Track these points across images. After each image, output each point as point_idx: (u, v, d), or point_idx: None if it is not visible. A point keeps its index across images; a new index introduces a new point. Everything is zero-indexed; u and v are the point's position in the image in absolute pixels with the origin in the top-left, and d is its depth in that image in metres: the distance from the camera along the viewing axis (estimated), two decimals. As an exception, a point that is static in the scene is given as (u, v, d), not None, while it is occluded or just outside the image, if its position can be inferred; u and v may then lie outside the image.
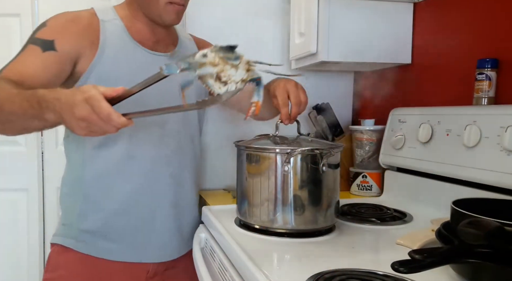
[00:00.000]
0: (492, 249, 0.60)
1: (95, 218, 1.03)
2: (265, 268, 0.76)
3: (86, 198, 1.04)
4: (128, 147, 1.02)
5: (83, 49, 0.98)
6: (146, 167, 1.04)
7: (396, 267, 0.58)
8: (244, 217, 1.01)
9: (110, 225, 1.04)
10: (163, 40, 1.10)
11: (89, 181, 1.03)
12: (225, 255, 0.93)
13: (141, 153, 1.03)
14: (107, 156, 1.02)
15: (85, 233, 1.04)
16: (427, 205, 1.15)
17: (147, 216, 1.06)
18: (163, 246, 1.09)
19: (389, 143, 1.32)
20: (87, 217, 1.04)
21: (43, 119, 0.80)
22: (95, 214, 1.04)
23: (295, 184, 0.94)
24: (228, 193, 1.49)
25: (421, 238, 0.88)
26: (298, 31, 1.46)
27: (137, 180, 1.04)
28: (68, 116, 0.74)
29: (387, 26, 1.35)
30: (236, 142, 1.04)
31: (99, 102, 0.71)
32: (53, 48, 0.94)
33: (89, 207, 1.04)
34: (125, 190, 1.03)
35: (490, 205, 0.79)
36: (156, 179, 1.06)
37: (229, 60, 0.65)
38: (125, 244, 1.05)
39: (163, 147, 1.06)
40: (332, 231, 0.99)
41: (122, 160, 1.02)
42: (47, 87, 0.87)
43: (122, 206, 1.04)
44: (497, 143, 0.95)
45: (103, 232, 1.04)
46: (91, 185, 1.03)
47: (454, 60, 1.21)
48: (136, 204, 1.04)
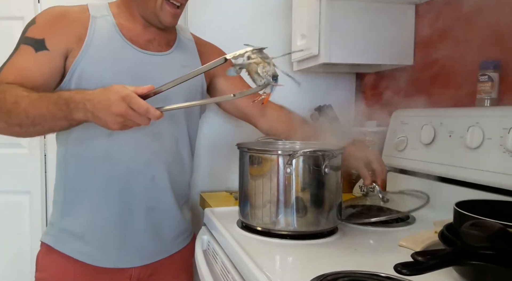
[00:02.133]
0: (495, 251, 0.60)
1: (73, 217, 1.02)
2: (268, 270, 0.76)
3: (66, 196, 1.03)
4: (107, 147, 1.00)
5: (71, 45, 0.97)
6: (124, 167, 1.01)
7: (399, 269, 0.57)
8: (246, 219, 1.01)
9: (87, 226, 1.02)
10: (157, 39, 1.07)
11: (69, 179, 1.03)
12: (227, 257, 0.93)
13: (120, 153, 1.01)
14: (86, 155, 1.01)
15: (65, 232, 1.03)
16: (430, 207, 1.14)
17: (122, 218, 1.02)
18: (140, 249, 1.05)
19: (391, 145, 1.31)
20: (66, 216, 1.03)
21: (71, 119, 0.87)
22: (73, 213, 1.02)
23: (297, 186, 0.94)
24: (230, 194, 1.49)
25: (424, 240, 0.88)
26: (300, 33, 1.46)
27: (114, 180, 1.01)
28: (103, 114, 0.83)
29: (389, 28, 1.35)
30: (239, 143, 1.04)
31: (136, 99, 0.81)
32: (44, 47, 0.95)
33: (68, 206, 1.03)
34: (101, 190, 1.01)
35: (493, 207, 0.79)
36: (134, 180, 1.02)
37: (266, 59, 0.82)
38: (101, 248, 1.02)
39: (143, 147, 1.03)
40: (335, 233, 0.99)
41: (100, 159, 1.01)
42: (44, 89, 0.93)
43: (98, 206, 1.01)
44: (500, 144, 0.95)
45: (80, 233, 1.02)
46: (70, 184, 1.03)
47: (456, 62, 1.21)
48: (112, 205, 1.02)
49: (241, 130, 1.46)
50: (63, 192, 1.04)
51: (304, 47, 1.43)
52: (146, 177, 1.04)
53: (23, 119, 0.87)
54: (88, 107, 0.84)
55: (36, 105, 0.86)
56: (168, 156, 1.07)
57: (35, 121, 0.87)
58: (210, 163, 1.62)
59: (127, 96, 0.81)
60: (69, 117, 0.86)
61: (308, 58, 1.43)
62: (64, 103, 0.85)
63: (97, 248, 1.02)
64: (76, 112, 0.85)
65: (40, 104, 0.86)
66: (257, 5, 1.63)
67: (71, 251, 1.02)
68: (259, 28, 1.64)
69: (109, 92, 0.83)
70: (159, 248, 1.08)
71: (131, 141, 1.01)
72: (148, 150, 1.03)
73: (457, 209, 0.74)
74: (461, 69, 1.19)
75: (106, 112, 0.83)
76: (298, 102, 1.66)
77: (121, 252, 1.03)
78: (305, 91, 1.68)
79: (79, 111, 0.85)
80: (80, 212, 1.02)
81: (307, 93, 1.68)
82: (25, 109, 0.86)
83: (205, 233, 1.15)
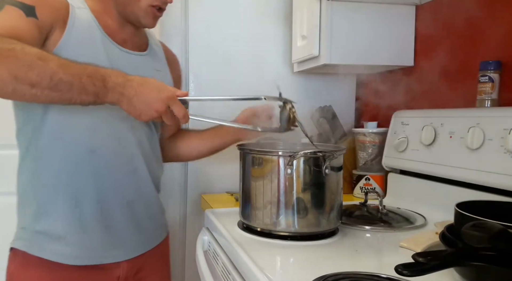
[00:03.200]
0: (496, 252, 0.60)
1: (50, 218, 0.94)
2: (268, 271, 0.76)
3: (42, 196, 0.95)
4: (91, 140, 0.95)
5: (56, 23, 0.90)
6: (108, 161, 0.98)
7: (400, 270, 0.57)
8: (247, 220, 1.01)
9: (67, 225, 0.95)
10: (131, 40, 1.05)
11: (45, 177, 0.95)
12: (228, 258, 0.93)
13: (103, 146, 0.97)
14: (68, 150, 0.94)
15: (40, 235, 0.95)
16: (430, 208, 1.15)
17: (105, 213, 0.98)
18: (124, 243, 1.02)
19: (392, 145, 1.31)
20: (42, 217, 0.95)
21: (100, 98, 0.83)
22: (50, 213, 0.95)
23: (298, 187, 0.94)
24: (231, 196, 1.49)
25: (425, 241, 0.88)
26: (301, 34, 1.46)
27: (97, 174, 0.96)
28: (142, 105, 0.84)
29: (389, 29, 1.35)
30: (239, 144, 1.05)
31: (178, 103, 0.86)
32: (34, 15, 0.86)
33: (44, 207, 0.95)
34: (83, 186, 0.95)
35: (494, 208, 0.79)
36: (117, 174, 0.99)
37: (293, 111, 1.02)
38: (84, 246, 0.97)
39: (125, 140, 1.00)
40: (335, 234, 0.99)
41: (83, 154, 0.95)
42: None
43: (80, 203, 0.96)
44: (501, 145, 0.95)
45: (60, 234, 0.95)
46: (46, 182, 0.95)
47: (456, 63, 1.21)
48: (94, 200, 0.97)
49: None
50: (37, 192, 0.95)
51: (305, 48, 1.43)
52: (129, 169, 1.01)
53: (45, 80, 0.77)
54: (126, 93, 0.83)
55: (68, 70, 0.79)
56: (145, 149, 1.05)
57: (59, 87, 0.78)
58: (211, 164, 1.62)
59: (171, 98, 0.85)
60: (100, 95, 0.82)
61: (309, 59, 1.43)
62: (100, 80, 0.81)
63: (81, 246, 0.96)
64: (111, 93, 0.83)
65: (73, 71, 0.80)
66: (258, 7, 1.63)
67: (50, 255, 0.94)
68: (260, 29, 1.64)
69: (151, 88, 0.85)
70: (142, 240, 1.05)
71: (114, 134, 0.98)
72: (129, 142, 1.01)
73: (458, 210, 0.74)
74: (461, 70, 1.19)
75: (146, 106, 0.84)
76: (299, 103, 1.66)
77: (106, 247, 0.99)
78: (305, 92, 1.68)
79: (114, 93, 0.83)
80: (60, 211, 0.94)
81: (307, 94, 1.68)
82: (54, 69, 0.78)
83: (206, 234, 1.15)
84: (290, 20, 1.56)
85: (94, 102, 0.84)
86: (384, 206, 1.13)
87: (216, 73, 1.62)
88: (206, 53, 1.61)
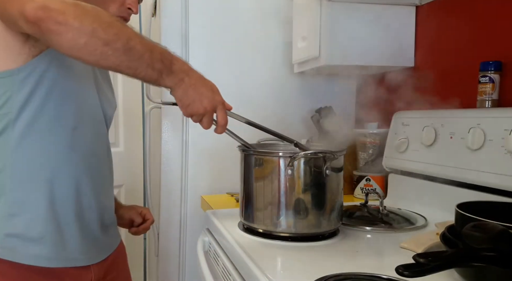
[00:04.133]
0: (497, 252, 0.60)
1: (24, 219, 0.89)
2: (269, 272, 0.76)
3: (15, 197, 0.89)
4: (72, 140, 0.93)
5: None
6: (88, 160, 0.96)
7: (401, 271, 0.57)
8: (247, 221, 1.01)
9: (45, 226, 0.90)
10: None
11: (16, 176, 0.88)
12: (229, 259, 0.93)
13: (83, 145, 0.95)
14: (45, 147, 0.90)
15: (12, 238, 0.88)
16: (431, 208, 1.14)
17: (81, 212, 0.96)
18: (96, 243, 1.00)
19: (392, 146, 1.31)
20: (14, 219, 0.88)
21: (160, 78, 0.82)
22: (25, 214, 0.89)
23: (299, 188, 0.94)
24: (232, 196, 1.49)
25: (426, 242, 0.88)
26: (301, 35, 1.46)
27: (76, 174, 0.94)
28: (195, 95, 0.85)
29: (390, 30, 1.35)
30: (240, 145, 1.05)
31: (224, 110, 0.89)
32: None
33: (18, 208, 0.89)
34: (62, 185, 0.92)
35: (495, 208, 0.79)
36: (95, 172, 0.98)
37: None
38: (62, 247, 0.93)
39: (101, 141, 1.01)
40: (336, 234, 0.99)
41: (64, 153, 0.92)
42: None
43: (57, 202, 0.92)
44: (501, 146, 0.95)
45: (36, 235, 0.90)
46: (19, 181, 0.89)
47: (457, 63, 1.21)
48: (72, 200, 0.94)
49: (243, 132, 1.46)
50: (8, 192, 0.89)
51: (305, 49, 1.43)
52: (104, 168, 1.02)
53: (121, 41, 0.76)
54: (186, 81, 0.84)
55: (143, 40, 0.80)
56: (110, 155, 1.07)
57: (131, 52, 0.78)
58: (211, 165, 1.62)
59: (221, 103, 0.88)
60: (163, 74, 0.83)
61: (309, 60, 1.43)
62: (169, 60, 0.83)
63: (57, 248, 0.92)
64: (173, 76, 0.84)
65: (147, 42, 0.81)
66: (258, 8, 1.64)
67: (25, 258, 0.88)
68: (260, 30, 1.64)
69: (208, 86, 0.87)
70: (108, 242, 1.05)
71: (92, 133, 0.98)
72: (101, 147, 1.02)
73: (459, 211, 0.74)
74: (461, 71, 1.19)
75: (198, 99, 0.85)
76: (299, 104, 1.67)
77: (82, 248, 0.96)
78: (305, 93, 1.69)
79: (176, 77, 0.84)
80: (39, 210, 0.90)
81: (307, 95, 1.68)
82: (131, 34, 0.78)
83: (207, 235, 1.15)
84: (290, 21, 1.56)
85: (156, 81, 0.83)
86: (384, 206, 1.13)
87: (216, 74, 1.61)
88: (207, 54, 1.61)
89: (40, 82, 0.86)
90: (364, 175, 1.43)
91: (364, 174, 1.43)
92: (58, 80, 0.89)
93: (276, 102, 1.65)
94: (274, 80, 1.66)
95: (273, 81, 1.66)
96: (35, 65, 0.86)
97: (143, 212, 1.24)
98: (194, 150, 1.62)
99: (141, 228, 1.23)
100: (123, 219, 1.22)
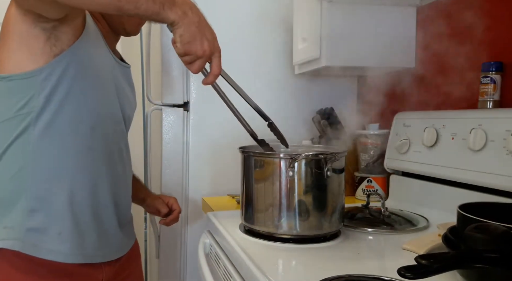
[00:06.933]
0: (499, 253, 0.60)
1: (44, 214, 0.91)
2: (270, 274, 0.75)
3: (32, 193, 0.91)
4: (91, 139, 0.94)
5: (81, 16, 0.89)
6: (105, 158, 0.97)
7: (403, 272, 0.57)
8: (249, 222, 1.01)
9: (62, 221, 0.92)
10: (115, 52, 1.07)
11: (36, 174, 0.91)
12: (230, 261, 0.93)
13: (100, 145, 0.96)
14: (63, 147, 0.92)
15: (35, 232, 0.90)
16: (433, 210, 1.14)
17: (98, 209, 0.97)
18: (113, 240, 1.01)
19: (394, 147, 1.31)
20: (35, 213, 0.91)
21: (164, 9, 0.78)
22: (45, 209, 0.91)
23: (300, 189, 0.94)
24: (233, 198, 1.49)
25: (428, 243, 0.87)
26: (301, 37, 1.46)
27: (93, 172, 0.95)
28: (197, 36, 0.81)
29: (390, 30, 1.35)
30: (241, 147, 1.04)
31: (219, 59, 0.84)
32: None
33: (39, 203, 0.91)
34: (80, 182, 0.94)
35: (497, 209, 0.79)
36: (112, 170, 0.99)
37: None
38: (79, 243, 0.94)
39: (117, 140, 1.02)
40: (338, 236, 0.99)
41: (80, 151, 0.93)
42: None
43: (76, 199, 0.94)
44: (503, 147, 0.95)
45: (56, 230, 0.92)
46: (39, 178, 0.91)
47: (458, 64, 1.21)
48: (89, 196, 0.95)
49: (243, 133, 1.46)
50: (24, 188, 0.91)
51: (306, 50, 1.43)
52: (122, 167, 1.03)
53: None
54: (190, 15, 0.80)
55: None
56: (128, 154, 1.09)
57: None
58: (212, 167, 1.62)
59: (219, 51, 0.85)
60: (165, 6, 0.78)
61: (310, 61, 1.43)
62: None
63: (75, 243, 0.93)
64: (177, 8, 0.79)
65: None
66: (258, 9, 1.64)
67: (45, 253, 0.91)
68: (261, 31, 1.64)
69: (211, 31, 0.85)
70: (125, 238, 1.06)
71: (110, 133, 0.98)
72: (118, 145, 1.03)
73: (461, 212, 0.73)
74: (463, 71, 1.19)
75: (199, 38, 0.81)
76: (300, 106, 1.67)
77: (98, 244, 0.98)
78: (306, 95, 1.68)
79: (179, 9, 0.79)
80: (57, 206, 0.92)
81: (308, 97, 1.68)
82: None
83: (208, 237, 1.15)
84: (290, 22, 1.56)
85: (157, 14, 0.78)
86: (386, 208, 1.12)
87: (217, 76, 1.62)
88: (207, 56, 1.61)
89: (59, 82, 0.88)
90: (366, 176, 1.43)
91: (365, 175, 1.43)
92: (76, 80, 0.90)
93: (277, 104, 1.65)
94: (274, 81, 1.66)
95: (273, 83, 1.66)
96: (55, 66, 0.87)
97: (170, 202, 1.25)
98: (194, 151, 1.62)
99: (169, 220, 1.25)
100: (150, 208, 1.25)
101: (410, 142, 1.25)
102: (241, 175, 1.04)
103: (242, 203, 1.04)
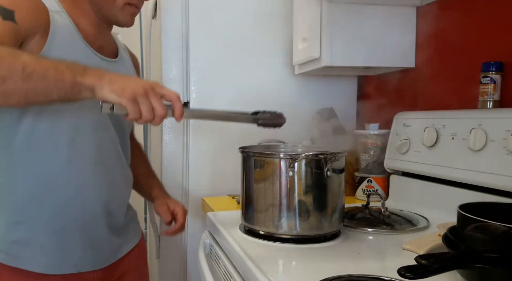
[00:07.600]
0: (499, 253, 0.60)
1: (28, 226, 0.92)
2: (271, 274, 0.75)
3: (20, 205, 0.92)
4: (69, 151, 0.93)
5: (37, 30, 0.87)
6: (89, 170, 0.96)
7: (403, 272, 0.57)
8: (249, 222, 1.01)
9: (46, 234, 0.93)
10: (106, 47, 1.04)
11: (20, 187, 0.91)
12: (230, 261, 0.93)
13: (83, 156, 0.95)
14: (42, 159, 0.91)
15: (18, 244, 0.92)
16: (433, 210, 1.14)
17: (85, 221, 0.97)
18: (100, 252, 1.01)
19: (394, 147, 1.31)
20: (18, 226, 0.92)
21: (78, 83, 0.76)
22: (28, 222, 0.92)
23: (300, 189, 0.94)
24: (233, 198, 1.49)
25: (428, 243, 0.87)
26: (301, 36, 1.46)
27: (76, 184, 0.95)
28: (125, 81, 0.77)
29: (390, 31, 1.35)
30: (241, 147, 1.04)
31: (164, 87, 0.80)
32: (13, 19, 0.82)
33: (22, 216, 0.92)
34: (63, 195, 0.94)
35: (497, 209, 0.79)
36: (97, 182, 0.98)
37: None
38: (63, 254, 0.95)
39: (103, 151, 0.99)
40: (338, 236, 0.99)
41: (62, 164, 0.93)
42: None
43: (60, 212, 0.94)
44: (503, 147, 0.95)
45: (39, 242, 0.92)
46: (21, 191, 0.92)
47: (458, 64, 1.21)
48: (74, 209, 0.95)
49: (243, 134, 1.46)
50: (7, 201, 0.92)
51: (306, 50, 1.43)
52: (113, 172, 1.02)
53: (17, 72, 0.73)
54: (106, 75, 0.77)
55: (41, 62, 0.76)
56: (121, 157, 1.06)
57: (32, 77, 0.73)
58: (212, 167, 1.62)
59: (155, 83, 0.80)
60: (77, 78, 0.75)
61: (310, 61, 1.43)
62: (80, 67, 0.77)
63: (60, 254, 0.94)
64: (90, 75, 0.76)
65: (47, 61, 0.76)
66: (258, 9, 1.64)
67: (29, 264, 0.91)
68: (261, 31, 1.64)
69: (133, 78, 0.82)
70: (118, 245, 1.06)
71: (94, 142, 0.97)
72: (107, 153, 1.00)
73: (461, 212, 0.73)
74: (463, 71, 1.19)
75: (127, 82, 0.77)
76: (300, 106, 1.67)
77: (85, 254, 0.97)
78: (306, 95, 1.68)
79: (93, 76, 0.76)
80: (39, 219, 0.92)
81: (308, 97, 1.68)
82: (26, 62, 0.74)
83: (208, 237, 1.15)
84: (290, 22, 1.56)
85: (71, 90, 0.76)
86: (386, 208, 1.12)
87: (217, 76, 1.62)
88: (207, 56, 1.61)
89: None
90: (366, 176, 1.43)
91: (365, 175, 1.43)
92: None
93: (276, 104, 1.63)
94: (274, 81, 1.66)
95: (273, 83, 1.66)
96: None
97: (175, 210, 1.17)
98: (195, 151, 1.62)
99: (170, 232, 1.17)
100: (155, 210, 1.21)
101: (410, 141, 1.25)
102: (241, 175, 1.04)
103: (242, 203, 1.04)
